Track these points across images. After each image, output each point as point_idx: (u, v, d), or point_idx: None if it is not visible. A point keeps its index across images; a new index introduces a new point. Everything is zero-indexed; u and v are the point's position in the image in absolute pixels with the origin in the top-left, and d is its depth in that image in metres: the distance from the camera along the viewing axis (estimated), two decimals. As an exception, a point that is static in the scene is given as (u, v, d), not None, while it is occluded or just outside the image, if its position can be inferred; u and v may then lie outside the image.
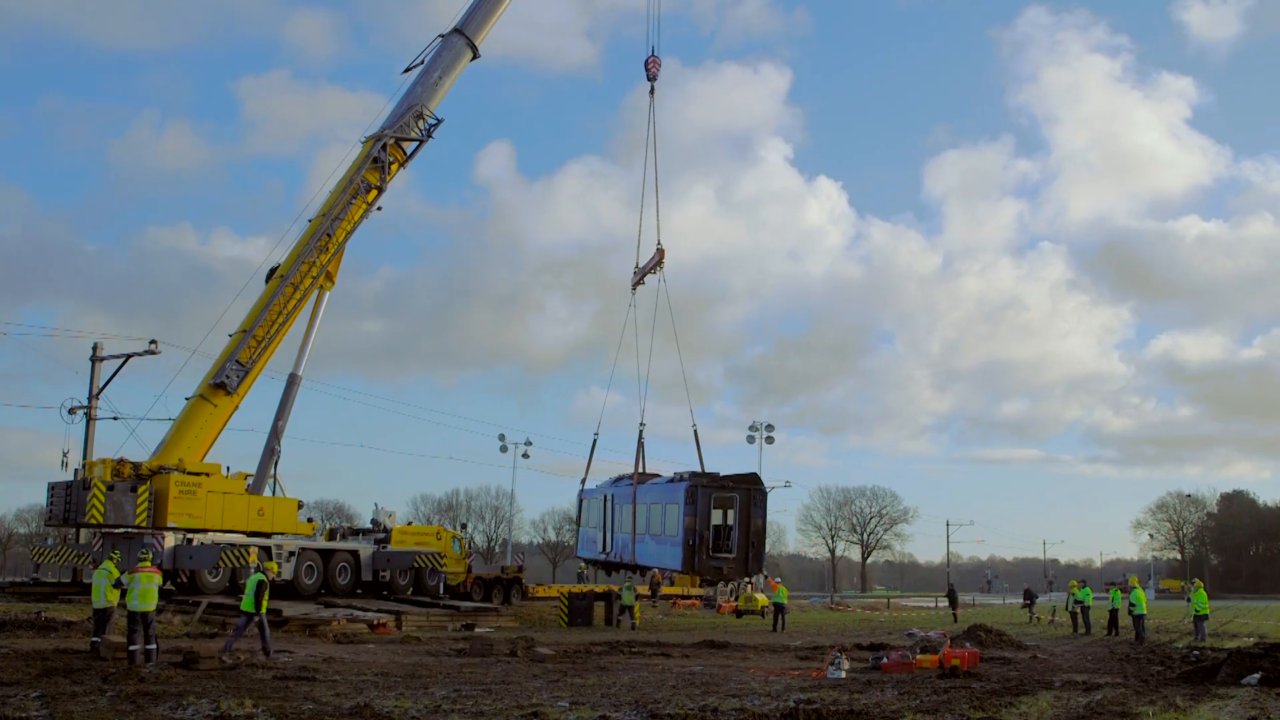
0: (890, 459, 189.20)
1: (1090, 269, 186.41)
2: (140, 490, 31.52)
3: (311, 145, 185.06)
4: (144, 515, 31.43)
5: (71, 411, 41.15)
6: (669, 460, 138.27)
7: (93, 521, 31.07)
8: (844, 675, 18.33)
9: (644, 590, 52.33)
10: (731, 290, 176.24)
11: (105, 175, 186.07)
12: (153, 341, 42.71)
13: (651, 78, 38.82)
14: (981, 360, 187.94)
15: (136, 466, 32.17)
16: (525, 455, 75.57)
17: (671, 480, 37.31)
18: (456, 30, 37.49)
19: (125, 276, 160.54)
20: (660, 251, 38.10)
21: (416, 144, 36.89)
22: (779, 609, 38.02)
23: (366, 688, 15.26)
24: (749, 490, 35.35)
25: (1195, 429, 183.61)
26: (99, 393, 42.76)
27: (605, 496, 41.84)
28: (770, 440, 76.40)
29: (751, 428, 75.91)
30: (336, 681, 16.05)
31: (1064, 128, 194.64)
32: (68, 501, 31.69)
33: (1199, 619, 31.05)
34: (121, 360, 43.26)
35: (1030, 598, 53.03)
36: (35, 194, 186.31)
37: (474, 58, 37.92)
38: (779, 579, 37.10)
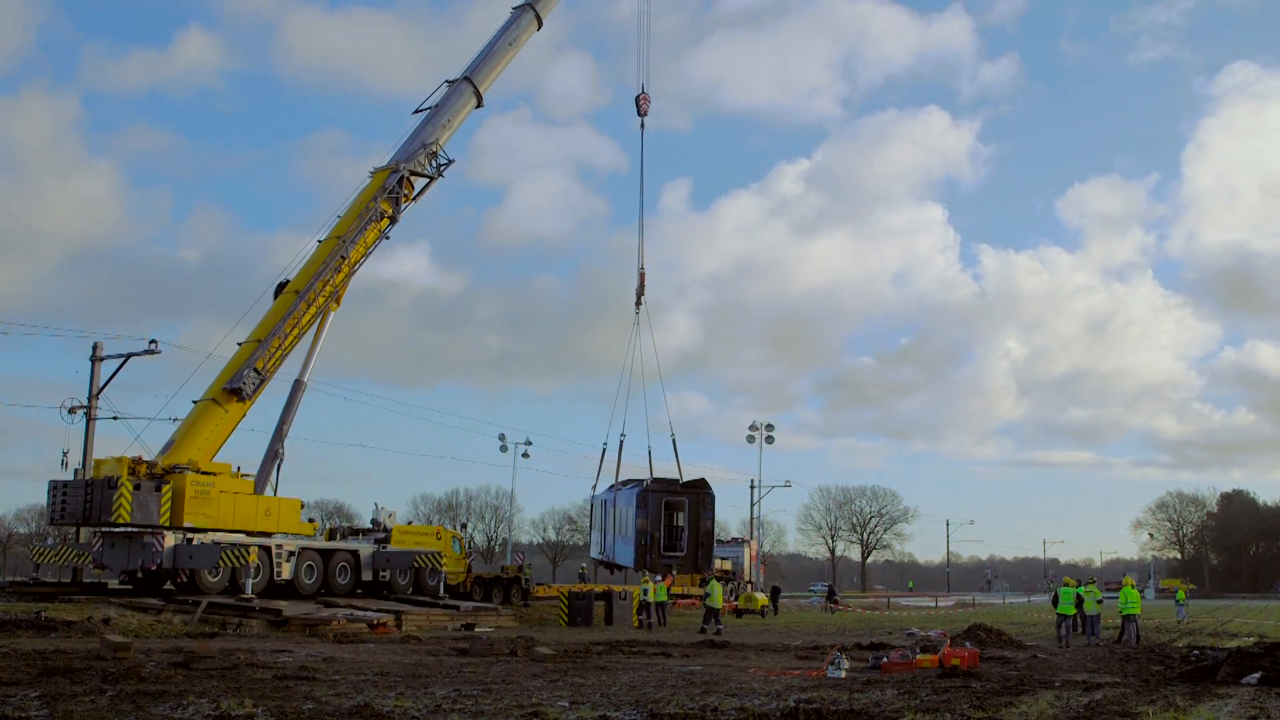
0: (950, 463, 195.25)
1: (1202, 286, 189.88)
2: (164, 490, 31.64)
3: (517, 172, 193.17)
4: (166, 514, 31.55)
5: (71, 411, 41.13)
6: (724, 467, 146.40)
7: (119, 520, 30.97)
8: (844, 675, 18.32)
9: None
10: (845, 309, 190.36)
11: (307, 202, 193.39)
12: (152, 341, 42.82)
13: (642, 114, 41.68)
14: (1066, 371, 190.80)
15: (151, 466, 32.24)
16: (525, 455, 75.61)
17: (633, 486, 40.62)
18: (465, 78, 38.71)
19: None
20: (641, 275, 41.14)
21: (427, 181, 37.86)
22: (660, 607, 38.87)
23: (366, 687, 15.25)
24: (698, 494, 39.10)
25: (1250, 434, 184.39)
26: (99, 392, 42.76)
27: (603, 501, 44.72)
28: (770, 440, 76.64)
29: (751, 427, 76.23)
30: (336, 681, 16.05)
31: (1213, 160, 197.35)
32: (87, 500, 31.58)
33: (1126, 619, 29.52)
34: (121, 360, 43.30)
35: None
36: (245, 218, 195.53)
37: (478, 105, 39.15)
38: (657, 579, 38.54)
